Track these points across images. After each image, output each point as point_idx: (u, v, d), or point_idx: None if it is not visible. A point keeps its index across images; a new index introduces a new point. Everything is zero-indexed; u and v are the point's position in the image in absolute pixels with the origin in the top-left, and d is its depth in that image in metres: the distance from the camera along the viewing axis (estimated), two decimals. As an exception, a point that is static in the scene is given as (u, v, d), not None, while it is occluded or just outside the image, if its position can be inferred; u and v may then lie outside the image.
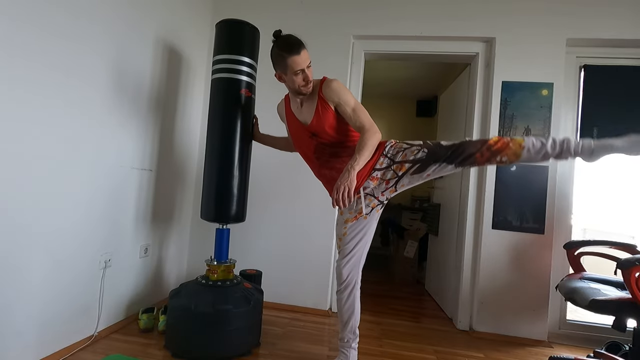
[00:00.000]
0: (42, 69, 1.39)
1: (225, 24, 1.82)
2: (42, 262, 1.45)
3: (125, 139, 1.86)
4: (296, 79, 1.39)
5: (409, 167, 1.42)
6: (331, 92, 1.41)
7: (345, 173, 1.28)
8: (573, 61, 2.31)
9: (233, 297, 1.67)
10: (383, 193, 1.48)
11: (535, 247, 2.18)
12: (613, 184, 2.47)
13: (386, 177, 1.45)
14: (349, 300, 1.52)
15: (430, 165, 1.40)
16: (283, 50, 1.36)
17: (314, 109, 1.44)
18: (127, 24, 1.81)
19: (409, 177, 1.44)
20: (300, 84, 1.40)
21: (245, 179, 1.83)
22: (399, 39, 2.42)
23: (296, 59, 1.34)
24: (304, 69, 1.37)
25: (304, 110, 1.49)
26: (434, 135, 3.73)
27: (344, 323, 1.54)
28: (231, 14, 2.06)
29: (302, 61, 1.35)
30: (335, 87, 1.41)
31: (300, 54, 1.34)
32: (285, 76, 1.42)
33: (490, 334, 2.19)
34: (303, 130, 1.50)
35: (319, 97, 1.43)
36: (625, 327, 1.37)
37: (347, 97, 1.41)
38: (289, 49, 1.34)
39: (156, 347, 1.73)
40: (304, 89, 1.42)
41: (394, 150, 1.46)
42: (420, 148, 1.42)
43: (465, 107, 2.56)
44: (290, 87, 1.46)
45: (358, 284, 1.54)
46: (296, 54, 1.34)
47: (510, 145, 1.35)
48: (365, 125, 1.37)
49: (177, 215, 2.38)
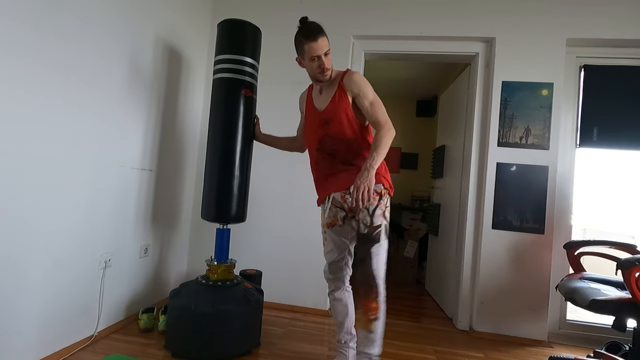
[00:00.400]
0: (42, 69, 1.39)
1: (227, 23, 1.82)
2: (43, 262, 1.45)
3: (125, 139, 1.86)
4: (312, 64, 1.42)
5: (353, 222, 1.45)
6: (351, 83, 1.42)
7: (364, 172, 1.29)
8: (573, 61, 2.31)
9: (233, 297, 1.67)
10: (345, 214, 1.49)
11: (535, 247, 2.18)
12: (613, 184, 2.47)
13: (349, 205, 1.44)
14: (341, 301, 1.53)
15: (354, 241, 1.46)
16: (302, 36, 1.39)
17: (332, 96, 1.46)
18: (126, 24, 1.81)
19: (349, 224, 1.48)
20: (316, 70, 1.43)
21: (245, 179, 1.83)
22: (399, 39, 2.42)
23: (313, 45, 1.37)
24: (321, 55, 1.39)
25: (322, 97, 1.51)
26: (434, 135, 3.73)
27: (339, 324, 1.56)
28: (231, 14, 2.06)
29: (318, 48, 1.38)
30: (356, 79, 1.43)
31: (317, 41, 1.37)
32: (304, 61, 1.46)
33: (490, 334, 2.19)
34: (316, 117, 1.51)
35: (339, 85, 1.45)
36: (625, 327, 1.37)
37: (367, 90, 1.43)
38: (307, 35, 1.38)
39: (156, 347, 1.73)
40: (320, 76, 1.44)
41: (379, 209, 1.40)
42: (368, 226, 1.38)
43: (465, 107, 2.56)
44: (309, 72, 1.49)
45: (347, 285, 1.54)
46: (313, 40, 1.37)
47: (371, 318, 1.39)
48: (381, 121, 1.39)
49: (177, 215, 2.38)
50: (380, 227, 1.39)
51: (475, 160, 2.34)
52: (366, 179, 1.27)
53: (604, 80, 2.28)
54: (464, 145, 2.52)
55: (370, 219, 1.37)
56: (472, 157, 2.35)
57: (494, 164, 2.24)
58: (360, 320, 1.41)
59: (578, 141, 2.30)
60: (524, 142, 2.22)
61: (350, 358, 1.55)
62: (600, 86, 2.28)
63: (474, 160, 2.34)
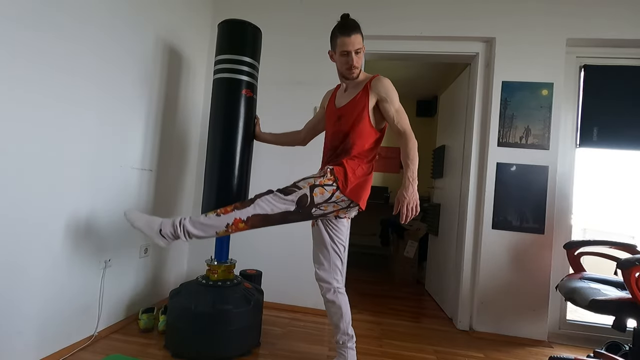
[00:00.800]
0: (42, 69, 1.38)
1: (227, 24, 1.82)
2: (43, 262, 1.45)
3: (125, 139, 1.86)
4: (341, 59, 1.43)
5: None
6: (381, 86, 1.42)
7: (409, 187, 1.31)
8: (573, 61, 2.31)
9: (233, 297, 1.67)
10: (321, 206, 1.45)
11: (535, 247, 2.18)
12: (613, 184, 2.47)
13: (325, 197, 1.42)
14: (335, 303, 1.52)
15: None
16: (337, 30, 1.42)
17: (354, 95, 1.46)
18: (126, 24, 1.81)
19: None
20: (344, 65, 1.44)
21: (246, 179, 1.83)
22: (399, 39, 2.42)
23: (345, 39, 1.39)
24: (351, 51, 1.40)
25: (345, 95, 1.52)
26: (434, 135, 3.73)
27: (335, 326, 1.55)
28: (231, 14, 2.06)
29: (349, 43, 1.39)
30: (386, 83, 1.43)
31: (350, 37, 1.38)
32: (335, 55, 1.47)
33: (490, 334, 2.19)
34: (334, 112, 1.53)
35: (365, 87, 1.45)
36: (625, 327, 1.37)
37: (394, 97, 1.43)
38: (342, 30, 1.40)
39: (156, 347, 1.73)
40: (347, 72, 1.45)
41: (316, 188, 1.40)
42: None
43: (465, 107, 2.56)
44: (338, 68, 1.50)
45: (339, 286, 1.53)
46: (346, 35, 1.38)
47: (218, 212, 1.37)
48: (406, 131, 1.41)
49: (177, 214, 2.38)
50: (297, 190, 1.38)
51: (475, 160, 2.34)
52: (412, 194, 1.31)
53: (604, 80, 2.28)
54: (464, 145, 2.52)
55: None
56: (472, 157, 2.35)
57: (494, 164, 2.24)
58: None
59: (578, 141, 2.30)
60: (524, 142, 2.22)
61: (350, 358, 1.55)
62: (600, 86, 2.28)
63: (474, 160, 2.34)
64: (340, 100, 1.53)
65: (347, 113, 1.46)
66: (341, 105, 1.50)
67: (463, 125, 2.56)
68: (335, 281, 1.53)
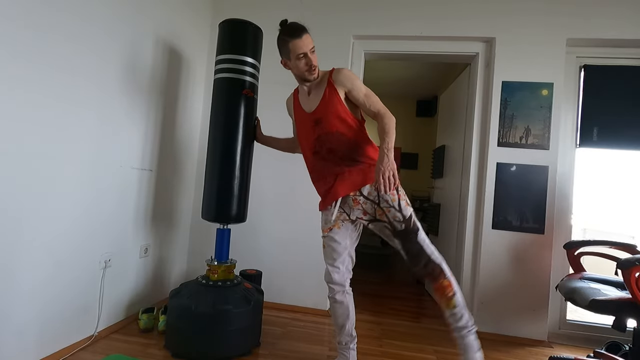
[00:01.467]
0: (42, 69, 1.38)
1: (228, 23, 1.82)
2: (42, 262, 1.45)
3: (125, 139, 1.86)
4: (299, 63, 1.40)
5: (383, 225, 1.42)
6: (343, 78, 1.41)
7: (383, 157, 1.28)
8: (573, 61, 2.31)
9: (233, 297, 1.67)
10: (356, 217, 1.47)
11: (535, 247, 2.18)
12: (613, 184, 2.47)
13: (366, 209, 1.44)
14: (343, 304, 1.52)
15: (394, 241, 1.42)
16: (285, 35, 1.39)
17: (322, 95, 1.44)
18: (126, 24, 1.81)
19: (377, 227, 1.44)
20: (303, 68, 1.41)
21: (246, 179, 1.83)
22: (399, 39, 2.42)
23: (297, 42, 1.36)
24: (307, 52, 1.38)
25: (312, 98, 1.49)
26: (434, 135, 3.73)
27: (340, 327, 1.54)
28: (231, 14, 2.06)
29: (303, 45, 1.37)
30: (347, 73, 1.42)
31: (301, 38, 1.36)
32: (289, 62, 1.44)
33: (490, 334, 2.19)
34: (308, 119, 1.49)
35: (328, 83, 1.43)
36: (625, 327, 1.37)
37: (359, 84, 1.43)
38: (291, 33, 1.37)
39: (156, 347, 1.73)
40: (307, 74, 1.43)
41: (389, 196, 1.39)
42: (403, 221, 1.38)
43: (465, 107, 2.56)
44: (296, 73, 1.47)
45: (347, 287, 1.53)
46: (297, 38, 1.36)
47: (449, 296, 1.42)
48: (380, 110, 1.40)
49: (177, 215, 2.38)
50: (412, 216, 1.40)
51: (475, 160, 2.34)
52: (387, 163, 1.27)
53: (604, 80, 2.28)
54: (464, 145, 2.52)
55: (401, 213, 1.38)
56: (472, 157, 2.35)
57: (494, 164, 2.24)
58: (442, 303, 1.43)
59: (578, 141, 2.30)
60: (524, 142, 2.22)
61: (351, 359, 1.55)
62: (600, 86, 2.28)
63: (474, 160, 2.34)
64: (309, 104, 1.49)
65: (324, 114, 1.43)
66: (313, 109, 1.47)
67: (463, 125, 2.57)
68: (347, 283, 1.53)
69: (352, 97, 1.43)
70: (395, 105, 4.87)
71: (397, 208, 1.38)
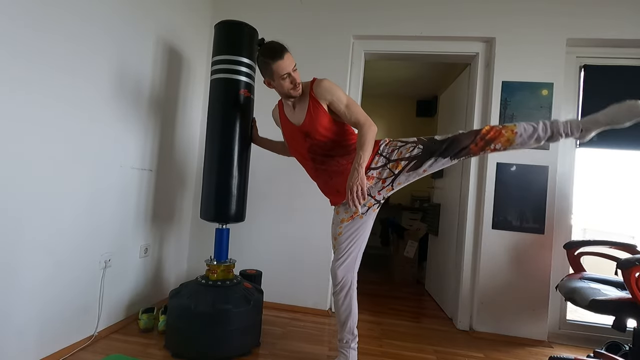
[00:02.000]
0: (42, 69, 1.39)
1: (223, 25, 1.82)
2: (43, 262, 1.45)
3: (125, 139, 1.86)
4: (284, 83, 1.40)
5: (405, 164, 1.44)
6: (323, 91, 1.42)
7: (353, 172, 1.29)
8: (573, 61, 2.31)
9: (233, 297, 1.67)
10: (380, 192, 1.50)
11: (535, 247, 2.18)
12: (613, 184, 2.47)
13: (382, 176, 1.47)
14: (346, 301, 1.53)
15: (426, 161, 1.43)
16: (267, 57, 1.37)
17: (306, 109, 1.45)
18: (127, 24, 1.81)
19: (406, 175, 1.46)
20: (288, 87, 1.41)
21: (244, 179, 1.83)
22: (399, 39, 2.42)
23: (280, 63, 1.36)
24: (290, 72, 1.38)
25: (297, 112, 1.50)
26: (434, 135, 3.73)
27: (342, 324, 1.55)
28: (231, 14, 2.06)
29: (286, 65, 1.36)
30: (326, 85, 1.42)
31: (284, 59, 1.36)
32: (273, 82, 1.43)
33: (490, 334, 2.19)
34: (297, 132, 1.51)
35: (310, 97, 1.44)
36: (625, 327, 1.37)
37: (340, 94, 1.43)
38: (272, 55, 1.36)
39: (156, 347, 1.73)
40: (293, 92, 1.43)
41: (388, 148, 1.48)
42: (415, 145, 1.44)
43: (465, 107, 2.56)
44: (280, 92, 1.47)
45: (354, 284, 1.54)
46: (279, 59, 1.35)
47: (503, 132, 1.38)
48: (360, 120, 1.40)
49: (177, 215, 2.38)
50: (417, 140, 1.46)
51: (475, 160, 2.34)
52: (357, 179, 1.28)
53: (604, 80, 2.28)
54: (464, 145, 2.51)
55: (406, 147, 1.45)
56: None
57: (494, 164, 2.24)
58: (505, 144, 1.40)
59: (578, 141, 2.30)
60: (524, 142, 2.22)
61: (351, 358, 1.55)
62: (600, 86, 2.28)
63: (474, 160, 2.34)
64: (296, 117, 1.50)
65: (312, 127, 1.44)
66: (300, 122, 1.48)
67: (463, 125, 2.56)
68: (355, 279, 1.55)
69: (333, 108, 1.44)
70: (395, 105, 4.90)
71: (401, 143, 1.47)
